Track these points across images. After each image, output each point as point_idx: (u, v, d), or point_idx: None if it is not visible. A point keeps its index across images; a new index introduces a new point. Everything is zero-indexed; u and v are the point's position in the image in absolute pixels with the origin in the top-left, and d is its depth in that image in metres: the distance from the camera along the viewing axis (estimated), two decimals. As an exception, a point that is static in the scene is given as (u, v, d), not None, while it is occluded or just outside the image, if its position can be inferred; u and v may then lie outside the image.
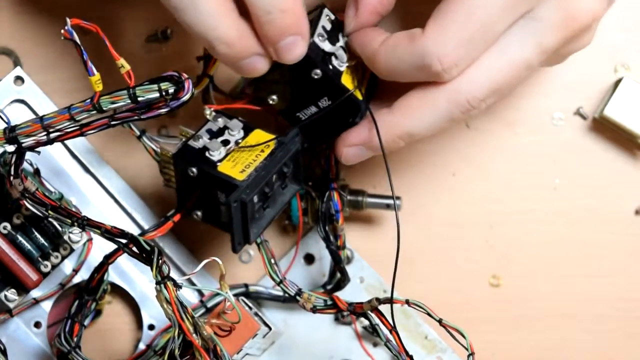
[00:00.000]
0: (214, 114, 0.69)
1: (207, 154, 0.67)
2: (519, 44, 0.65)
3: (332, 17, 0.69)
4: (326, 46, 0.68)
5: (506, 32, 0.65)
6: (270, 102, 0.69)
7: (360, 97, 0.69)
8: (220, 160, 0.67)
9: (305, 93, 0.68)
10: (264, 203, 0.69)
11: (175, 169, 0.69)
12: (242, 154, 0.68)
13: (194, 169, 0.67)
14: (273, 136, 0.69)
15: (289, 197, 0.71)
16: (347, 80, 0.68)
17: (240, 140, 0.68)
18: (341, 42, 0.68)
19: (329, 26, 0.68)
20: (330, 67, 0.67)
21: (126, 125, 0.70)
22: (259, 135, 0.69)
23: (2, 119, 0.64)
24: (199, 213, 0.70)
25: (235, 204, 0.66)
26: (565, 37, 0.65)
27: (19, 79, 0.76)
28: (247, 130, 0.69)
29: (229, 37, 0.63)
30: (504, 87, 0.66)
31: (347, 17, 0.69)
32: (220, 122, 0.69)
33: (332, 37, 0.68)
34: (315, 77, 0.67)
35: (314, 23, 0.68)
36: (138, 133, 0.71)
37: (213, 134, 0.69)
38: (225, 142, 0.68)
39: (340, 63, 0.68)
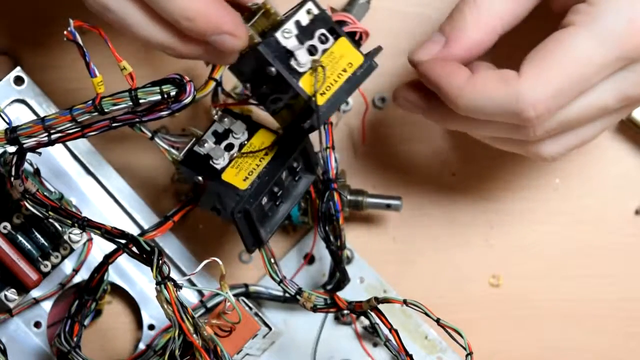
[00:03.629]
0: (220, 113, 0.69)
1: (210, 162, 0.67)
2: (604, 91, 0.65)
3: (316, 11, 0.66)
4: (290, 43, 0.65)
5: (600, 81, 0.65)
6: (246, 89, 0.67)
7: (320, 102, 0.65)
8: (224, 168, 0.67)
9: (269, 87, 0.66)
10: (275, 201, 0.69)
11: (184, 174, 0.69)
12: (245, 160, 0.67)
13: (200, 178, 0.67)
14: (276, 138, 0.68)
15: (303, 189, 0.71)
16: (307, 83, 0.65)
17: (245, 142, 0.68)
18: (315, 40, 0.66)
19: (306, 21, 0.66)
20: (289, 66, 0.65)
21: (137, 129, 0.70)
22: (263, 136, 0.68)
23: (3, 119, 0.64)
24: (215, 213, 0.70)
25: (239, 215, 0.66)
26: None
27: (19, 79, 0.76)
28: (252, 129, 0.69)
29: (169, 44, 0.63)
30: (573, 123, 0.66)
31: (431, 42, 0.68)
32: (226, 122, 0.69)
33: (304, 33, 0.65)
34: (270, 74, 0.65)
35: (288, 16, 0.65)
36: (150, 134, 0.71)
37: (218, 137, 0.68)
38: (229, 147, 0.68)
39: (300, 65, 0.65)
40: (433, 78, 0.67)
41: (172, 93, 0.61)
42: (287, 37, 0.65)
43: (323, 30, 0.66)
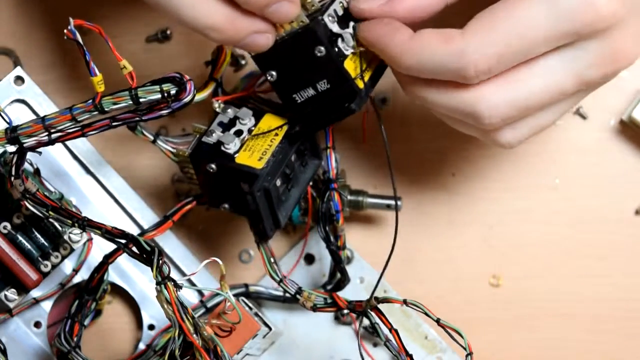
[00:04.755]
0: (222, 105, 0.69)
1: (222, 147, 0.68)
2: (558, 72, 0.64)
3: (346, 4, 0.67)
4: (334, 27, 0.66)
5: (548, 56, 0.64)
6: (269, 77, 0.68)
7: (361, 85, 0.67)
8: (236, 152, 0.67)
9: (305, 73, 0.66)
10: (287, 184, 0.70)
11: (194, 168, 0.69)
12: (257, 142, 0.68)
13: (213, 165, 0.67)
14: (284, 120, 0.69)
15: (311, 174, 0.71)
16: (350, 66, 0.66)
17: (252, 128, 0.69)
18: (350, 29, 0.67)
19: (340, 11, 0.67)
20: (336, 48, 0.66)
21: (138, 132, 0.70)
22: (270, 120, 0.69)
23: (3, 119, 0.63)
24: (227, 205, 0.70)
25: (259, 192, 0.67)
26: (605, 74, 0.64)
27: (19, 79, 0.76)
28: (258, 115, 0.69)
29: (217, 25, 0.63)
30: (529, 108, 0.65)
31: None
32: (230, 112, 0.69)
33: (341, 22, 0.67)
34: (319, 54, 0.65)
35: (326, 5, 0.66)
36: (152, 138, 0.70)
37: (225, 126, 0.69)
38: (239, 133, 0.68)
39: (346, 47, 0.66)
40: (375, 38, 0.66)
41: (172, 92, 0.61)
42: (331, 21, 0.66)
43: (354, 22, 0.68)
